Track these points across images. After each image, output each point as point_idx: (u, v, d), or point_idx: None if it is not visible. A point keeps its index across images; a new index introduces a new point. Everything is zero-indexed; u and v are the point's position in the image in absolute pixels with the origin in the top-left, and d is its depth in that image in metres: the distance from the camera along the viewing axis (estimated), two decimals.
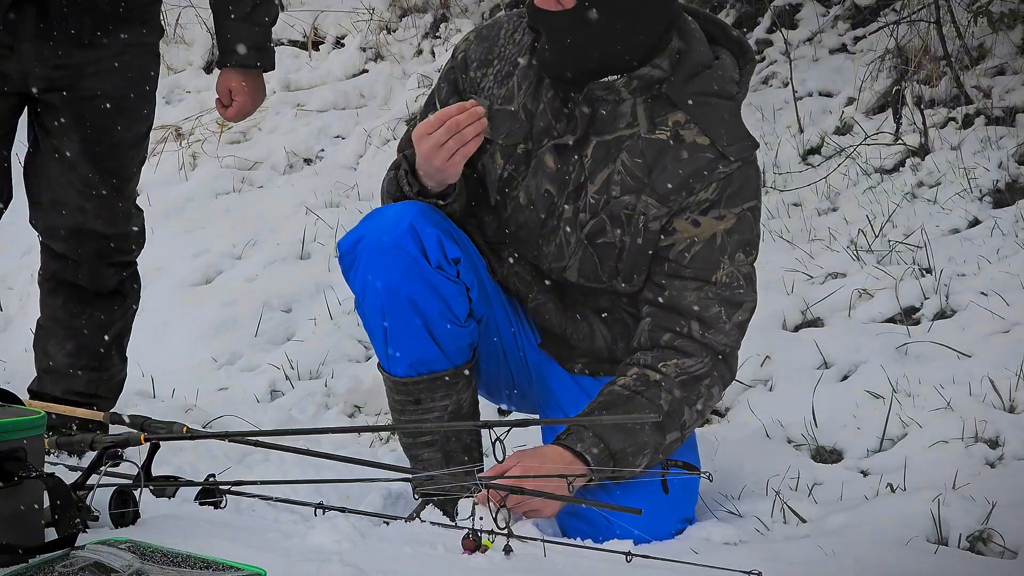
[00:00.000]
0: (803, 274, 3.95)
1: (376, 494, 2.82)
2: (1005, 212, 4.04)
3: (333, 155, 5.55)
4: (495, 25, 2.69)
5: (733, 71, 2.62)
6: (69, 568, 1.88)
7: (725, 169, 2.54)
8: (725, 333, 2.56)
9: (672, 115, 2.56)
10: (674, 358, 2.54)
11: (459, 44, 2.73)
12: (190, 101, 6.05)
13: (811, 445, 3.09)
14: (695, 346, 2.55)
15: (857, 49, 5.33)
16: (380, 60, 6.13)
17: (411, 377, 2.61)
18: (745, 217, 2.57)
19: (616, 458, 2.46)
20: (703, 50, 2.58)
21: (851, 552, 2.40)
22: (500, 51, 2.66)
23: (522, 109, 2.61)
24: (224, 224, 5.05)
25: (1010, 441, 2.92)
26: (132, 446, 2.40)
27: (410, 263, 2.51)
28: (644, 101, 2.55)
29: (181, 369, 4.06)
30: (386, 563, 2.09)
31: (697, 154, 2.54)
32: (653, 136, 2.55)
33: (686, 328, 2.55)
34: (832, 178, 4.58)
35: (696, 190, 2.54)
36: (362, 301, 2.59)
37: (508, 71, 2.64)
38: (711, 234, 2.54)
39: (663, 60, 2.54)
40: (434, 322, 2.55)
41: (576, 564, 2.23)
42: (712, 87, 2.57)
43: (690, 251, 2.55)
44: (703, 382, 2.55)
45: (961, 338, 3.38)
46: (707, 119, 2.55)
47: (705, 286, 2.55)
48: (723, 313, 2.55)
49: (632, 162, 2.55)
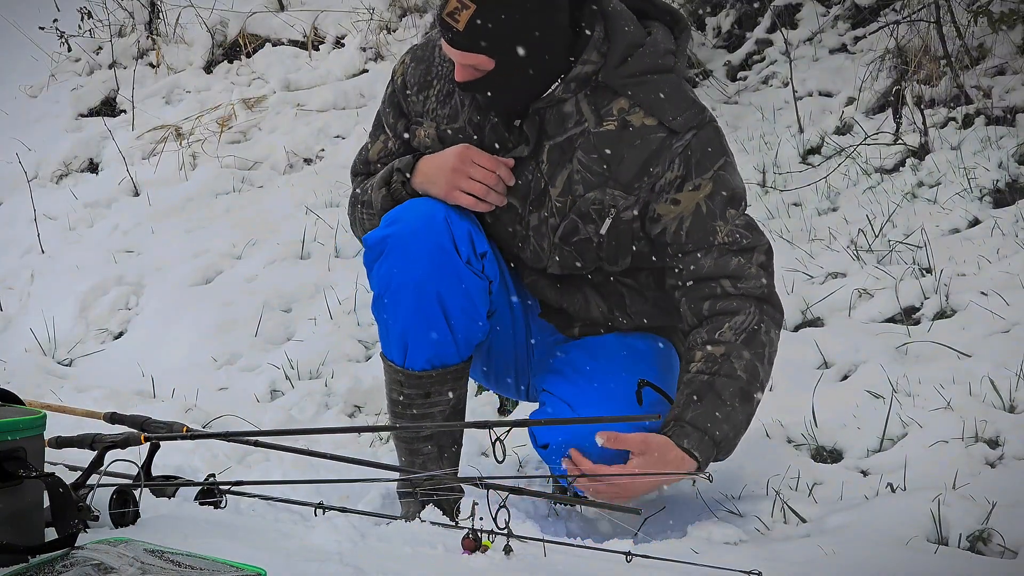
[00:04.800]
0: (803, 274, 3.95)
1: (376, 494, 2.82)
2: (1005, 212, 4.04)
3: (333, 155, 5.55)
4: (429, 44, 2.69)
5: (668, 42, 2.61)
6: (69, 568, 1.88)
7: (679, 143, 2.55)
8: (754, 277, 2.58)
9: (615, 103, 2.56)
10: (725, 322, 2.55)
11: (396, 67, 2.74)
12: (190, 101, 6.05)
13: (811, 445, 3.09)
14: (735, 301, 2.56)
15: (857, 49, 5.34)
16: (380, 60, 6.13)
17: (426, 371, 2.63)
18: (720, 177, 2.57)
19: (719, 446, 2.50)
20: (631, 29, 2.57)
21: (851, 552, 2.40)
22: (437, 70, 2.66)
23: (468, 124, 2.63)
24: (224, 224, 5.05)
25: (1010, 441, 2.92)
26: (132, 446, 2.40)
27: (443, 257, 2.55)
28: (585, 96, 2.56)
29: (181, 369, 4.06)
30: (386, 563, 2.09)
31: (648, 136, 2.55)
32: (602, 129, 2.56)
33: (718, 289, 2.57)
34: (832, 178, 4.58)
35: (659, 172, 2.55)
36: (384, 294, 2.60)
37: (449, 89, 2.65)
38: (694, 205, 2.55)
39: (591, 52, 2.53)
40: (456, 318, 2.59)
41: (576, 564, 2.23)
42: (647, 64, 2.56)
43: (683, 228, 2.56)
44: (761, 331, 2.56)
45: (961, 338, 3.38)
46: (648, 98, 2.55)
47: (712, 249, 2.56)
48: (743, 260, 2.57)
49: (589, 159, 2.57)
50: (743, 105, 5.36)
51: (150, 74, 6.33)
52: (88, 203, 5.39)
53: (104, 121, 5.96)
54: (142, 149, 5.74)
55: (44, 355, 4.26)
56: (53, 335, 4.33)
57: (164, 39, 6.44)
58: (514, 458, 3.15)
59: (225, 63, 6.33)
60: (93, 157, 5.81)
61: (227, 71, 6.27)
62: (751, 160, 4.87)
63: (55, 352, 4.29)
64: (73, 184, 5.62)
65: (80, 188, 5.54)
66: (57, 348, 4.30)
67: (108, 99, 6.23)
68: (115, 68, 6.34)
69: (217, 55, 6.36)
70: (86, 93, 6.23)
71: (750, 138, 5.08)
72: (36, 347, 4.31)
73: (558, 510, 2.82)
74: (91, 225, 5.25)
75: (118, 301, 4.53)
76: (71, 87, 6.30)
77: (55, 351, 4.29)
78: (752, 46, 5.69)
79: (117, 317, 4.46)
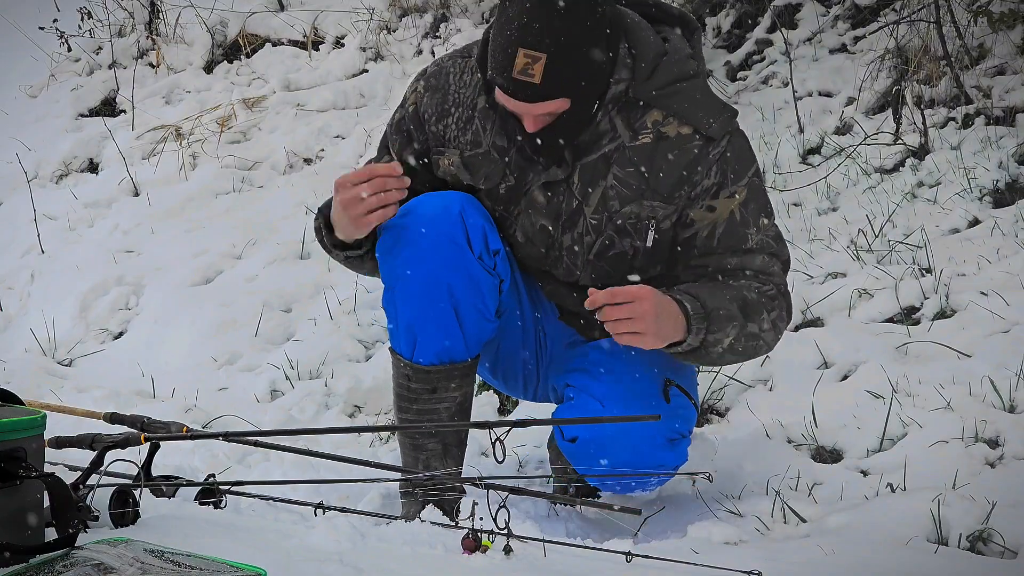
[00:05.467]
0: (803, 274, 3.95)
1: (376, 494, 2.82)
2: (1005, 212, 4.04)
3: (333, 155, 5.55)
4: (441, 72, 2.68)
5: (685, 47, 2.62)
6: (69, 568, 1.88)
7: (716, 150, 2.57)
8: (777, 275, 2.60)
9: (648, 116, 2.57)
10: (745, 282, 2.57)
11: (408, 95, 2.72)
12: (190, 101, 6.05)
13: (811, 445, 3.09)
14: (759, 279, 2.58)
15: (857, 49, 5.34)
16: (380, 60, 6.13)
17: (434, 365, 2.63)
18: (753, 184, 2.61)
19: (710, 317, 2.48)
20: (652, 40, 2.58)
21: (851, 552, 2.40)
22: (454, 97, 2.66)
23: (493, 148, 2.62)
24: (224, 224, 5.05)
25: (1010, 441, 2.92)
26: (132, 446, 2.40)
27: (456, 252, 2.55)
28: (618, 111, 2.56)
29: (181, 369, 4.06)
30: (386, 563, 2.09)
31: (685, 145, 2.56)
32: (638, 143, 2.56)
33: (743, 275, 2.58)
34: (832, 178, 4.58)
35: (698, 179, 2.56)
36: (395, 286, 2.60)
37: (468, 115, 2.64)
38: (728, 212, 2.57)
39: (621, 70, 2.54)
40: (466, 313, 2.59)
41: (576, 564, 2.23)
42: (674, 73, 2.57)
43: (715, 234, 2.58)
44: (775, 300, 2.58)
45: (961, 338, 3.38)
46: (681, 108, 2.56)
47: (744, 250, 2.58)
48: (768, 260, 2.59)
49: (624, 173, 2.57)
50: (743, 105, 5.36)
51: (150, 74, 6.33)
52: (88, 203, 5.39)
53: (104, 121, 5.96)
54: (142, 149, 5.74)
55: (44, 355, 4.27)
56: (53, 335, 4.33)
57: (164, 39, 6.44)
58: (514, 458, 3.15)
59: (225, 63, 6.33)
60: (93, 157, 5.81)
61: (227, 71, 6.27)
62: None
63: (55, 352, 4.29)
64: (73, 184, 5.62)
65: (80, 188, 5.54)
66: (57, 348, 4.30)
67: (108, 99, 6.23)
68: (115, 68, 6.34)
69: (217, 55, 6.36)
70: (86, 93, 6.23)
71: (750, 138, 5.07)
72: (36, 347, 4.31)
73: (558, 510, 2.81)
74: (91, 225, 5.25)
75: (118, 301, 4.53)
76: (71, 87, 6.30)
77: (55, 351, 4.29)
78: (752, 46, 5.69)
79: (117, 317, 4.46)
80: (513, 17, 2.42)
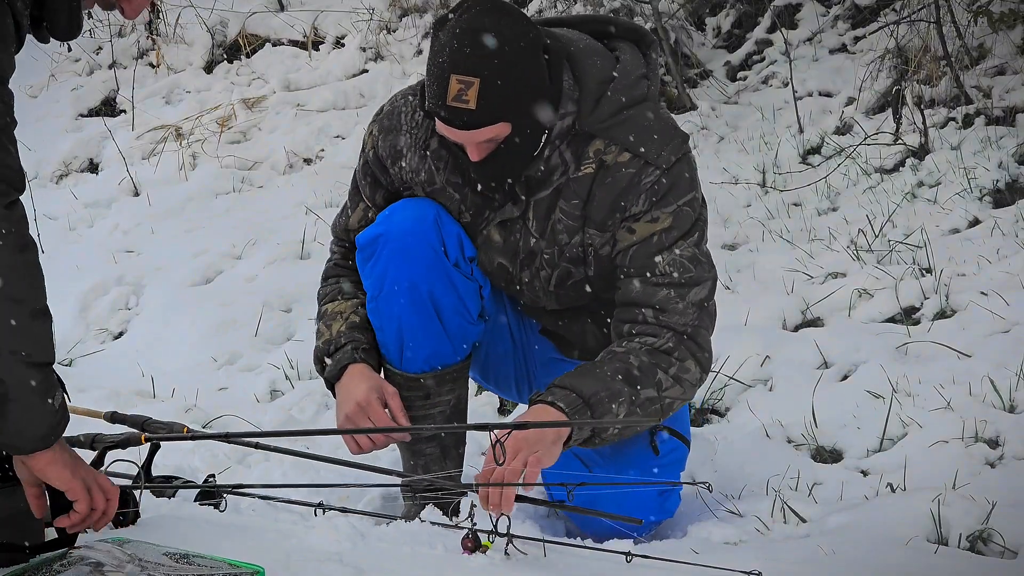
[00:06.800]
0: (803, 274, 3.95)
1: (375, 494, 2.82)
2: (1005, 212, 4.05)
3: (333, 155, 5.55)
4: (394, 113, 2.66)
5: (637, 65, 2.58)
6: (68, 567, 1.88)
7: (649, 178, 2.52)
8: (680, 313, 2.53)
9: (591, 145, 2.54)
10: (636, 340, 2.53)
11: (366, 139, 2.72)
12: (190, 101, 6.05)
13: (811, 445, 3.09)
14: (653, 328, 2.53)
15: (857, 49, 5.34)
16: (380, 60, 6.13)
17: (425, 372, 2.64)
18: (682, 212, 2.54)
19: (591, 404, 2.43)
20: (599, 66, 2.54)
21: (851, 552, 2.40)
22: (406, 139, 2.64)
23: (449, 185, 2.61)
24: (224, 224, 5.05)
25: (1010, 441, 2.92)
26: (132, 446, 2.40)
27: (433, 258, 2.56)
28: (567, 146, 2.54)
29: (181, 369, 4.06)
30: (386, 563, 2.09)
31: (620, 172, 2.53)
32: (581, 173, 2.55)
33: (640, 316, 2.54)
34: (832, 178, 4.58)
35: (627, 205, 2.53)
36: (378, 296, 2.61)
37: (421, 154, 2.63)
38: (648, 235, 2.54)
39: (567, 103, 2.51)
40: (449, 318, 2.60)
41: (576, 564, 2.23)
42: (620, 102, 2.54)
43: (628, 253, 2.55)
44: (672, 354, 2.52)
45: (961, 338, 3.38)
46: (624, 137, 2.53)
47: (650, 277, 2.54)
48: (673, 295, 2.53)
49: (569, 204, 2.56)
50: (743, 105, 5.36)
51: (150, 74, 6.33)
52: (88, 203, 5.39)
53: (104, 121, 5.96)
54: (142, 149, 5.74)
55: None
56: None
57: (164, 39, 6.44)
58: None
59: (225, 63, 6.33)
60: (93, 157, 5.82)
61: (227, 71, 6.27)
62: (751, 160, 4.88)
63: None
64: (73, 184, 5.62)
65: (80, 188, 5.54)
66: (57, 348, 4.29)
67: (108, 99, 6.23)
68: (115, 68, 6.34)
69: (217, 55, 6.36)
70: (86, 93, 6.24)
71: (750, 138, 5.08)
72: None
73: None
74: (91, 225, 5.25)
75: (118, 301, 4.53)
76: (71, 87, 6.30)
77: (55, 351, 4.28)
78: (752, 46, 5.69)
79: (117, 317, 4.46)
80: (444, 44, 2.40)
